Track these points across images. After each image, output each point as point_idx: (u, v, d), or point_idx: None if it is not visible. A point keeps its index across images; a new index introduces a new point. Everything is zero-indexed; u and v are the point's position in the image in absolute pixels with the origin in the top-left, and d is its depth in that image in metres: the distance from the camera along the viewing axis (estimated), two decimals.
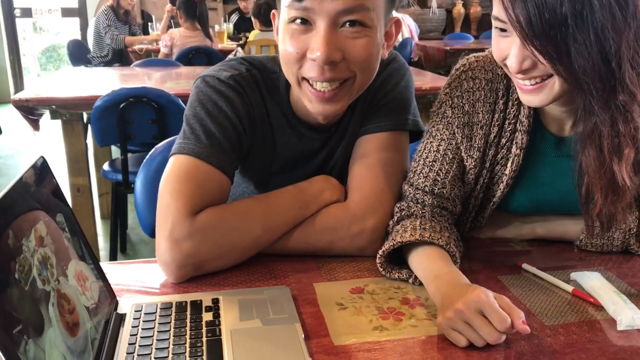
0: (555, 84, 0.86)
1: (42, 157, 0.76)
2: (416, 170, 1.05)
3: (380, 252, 0.96)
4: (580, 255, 1.06)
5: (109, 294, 0.83)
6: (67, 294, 0.68)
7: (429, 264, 0.93)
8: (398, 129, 1.10)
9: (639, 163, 0.88)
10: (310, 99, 0.98)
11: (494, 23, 0.87)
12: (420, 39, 6.08)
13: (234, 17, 5.73)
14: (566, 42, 0.79)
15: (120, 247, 3.03)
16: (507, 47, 0.87)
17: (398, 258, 0.99)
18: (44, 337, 0.59)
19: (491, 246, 1.09)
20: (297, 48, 0.94)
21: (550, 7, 0.78)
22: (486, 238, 1.12)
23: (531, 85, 0.88)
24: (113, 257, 2.73)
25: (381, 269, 0.96)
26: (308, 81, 0.96)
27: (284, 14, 0.95)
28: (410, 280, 0.95)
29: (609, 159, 0.86)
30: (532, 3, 0.78)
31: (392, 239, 0.96)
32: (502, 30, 0.86)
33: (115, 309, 0.83)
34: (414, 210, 1.01)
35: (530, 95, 0.89)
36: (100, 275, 0.83)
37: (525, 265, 0.99)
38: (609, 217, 0.92)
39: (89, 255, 0.81)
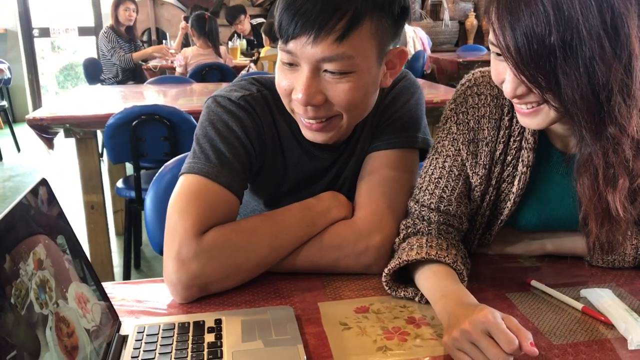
0: (551, 110, 0.84)
1: (44, 178, 0.77)
2: (422, 186, 1.03)
3: (385, 270, 0.95)
4: (591, 271, 1.04)
5: (111, 315, 0.83)
6: (67, 317, 0.68)
7: (436, 283, 0.91)
8: (407, 146, 1.10)
9: (634, 193, 0.86)
10: (302, 127, 1.02)
11: (491, 47, 0.87)
12: (433, 51, 6.08)
13: (236, 40, 5.77)
14: (555, 72, 0.78)
15: (135, 264, 3.04)
16: (503, 71, 0.86)
17: (404, 276, 0.98)
18: None
19: (499, 262, 1.08)
20: (286, 85, 0.97)
21: (538, 37, 0.77)
22: (494, 254, 1.10)
23: (527, 109, 0.87)
24: (127, 273, 2.74)
25: (387, 288, 0.95)
26: None
27: (278, 53, 0.97)
28: (417, 299, 0.94)
29: (604, 188, 0.84)
30: (520, 33, 0.78)
31: (398, 257, 0.95)
32: (499, 54, 0.86)
33: (118, 330, 0.83)
34: (420, 228, 1.00)
35: (527, 118, 0.89)
36: (103, 296, 0.83)
37: (534, 282, 0.98)
38: (608, 243, 0.91)
39: (91, 276, 0.81)
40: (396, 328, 0.86)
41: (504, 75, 0.86)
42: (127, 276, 2.73)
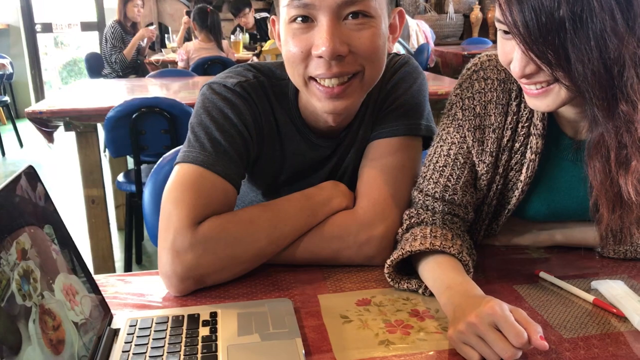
0: (561, 89, 0.81)
1: (31, 166, 0.73)
2: (426, 175, 1.00)
3: (388, 261, 0.91)
4: (602, 262, 1.00)
5: (102, 308, 0.80)
6: (52, 309, 0.65)
7: (441, 274, 0.88)
8: (410, 134, 1.06)
9: None
10: (320, 98, 0.94)
11: (497, 25, 0.83)
12: (437, 44, 6.02)
13: (238, 34, 5.73)
14: (565, 47, 0.74)
15: (136, 259, 3.01)
16: (511, 51, 0.82)
17: (407, 267, 0.95)
18: (21, 355, 0.56)
19: (506, 254, 1.04)
20: (301, 47, 0.91)
21: (547, 10, 0.73)
22: (501, 245, 1.07)
23: (537, 89, 0.83)
24: (128, 268, 2.72)
25: (389, 279, 0.92)
26: (316, 80, 0.93)
27: (283, 14, 0.92)
28: (420, 291, 0.90)
29: (615, 171, 0.80)
30: (528, 7, 0.74)
31: (402, 248, 0.92)
32: (506, 32, 0.82)
33: (109, 324, 0.80)
34: (424, 218, 0.96)
35: (536, 99, 0.84)
36: (94, 289, 0.79)
37: (542, 274, 0.94)
38: (620, 232, 0.87)
39: (81, 267, 0.77)
40: (399, 321, 0.83)
41: (511, 55, 0.82)
42: (128, 271, 2.71)
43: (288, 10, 0.90)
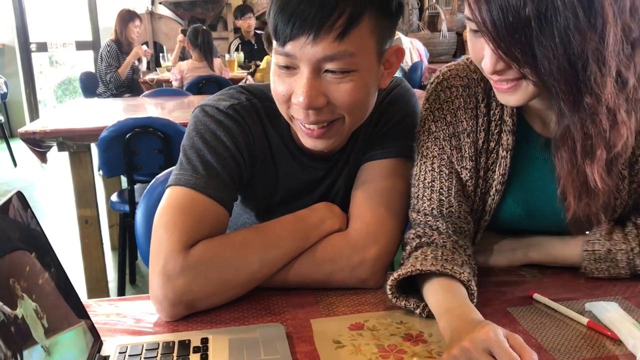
0: (529, 84, 0.83)
1: (19, 191, 0.73)
2: (418, 195, 1.00)
3: (395, 274, 0.90)
4: (596, 283, 0.99)
5: (92, 334, 0.79)
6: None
7: (444, 297, 0.87)
8: (402, 156, 1.06)
9: (611, 163, 0.86)
10: (302, 135, 0.97)
11: (467, 23, 0.86)
12: (431, 62, 6.05)
13: (236, 43, 5.78)
14: (531, 44, 0.77)
15: (130, 279, 3.00)
16: (482, 48, 0.85)
17: (405, 286, 0.93)
18: None
19: (500, 275, 1.03)
20: (284, 90, 0.93)
21: (513, 9, 0.75)
22: (479, 266, 1.06)
23: (507, 85, 0.85)
24: (121, 289, 2.69)
25: (389, 293, 0.91)
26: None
27: (273, 57, 0.94)
28: (418, 311, 0.89)
29: (582, 161, 0.84)
30: (496, 6, 0.76)
31: (411, 265, 0.90)
32: (475, 30, 0.84)
33: (99, 350, 0.79)
34: (435, 239, 0.96)
35: (506, 95, 0.87)
36: (83, 314, 0.78)
37: (536, 296, 0.93)
38: (587, 218, 0.91)
39: (70, 292, 0.77)
40: (392, 346, 0.82)
41: (482, 52, 0.85)
42: (121, 291, 2.69)
43: (276, 56, 0.92)
